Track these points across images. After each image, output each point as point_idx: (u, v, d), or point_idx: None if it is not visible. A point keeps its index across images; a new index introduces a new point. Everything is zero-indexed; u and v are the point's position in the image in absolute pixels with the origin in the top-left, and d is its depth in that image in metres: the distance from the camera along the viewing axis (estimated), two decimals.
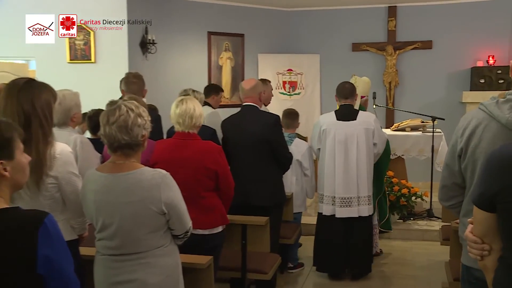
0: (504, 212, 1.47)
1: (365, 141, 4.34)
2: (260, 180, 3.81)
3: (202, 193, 3.01)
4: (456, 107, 7.47)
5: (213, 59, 7.49)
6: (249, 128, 3.80)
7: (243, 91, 3.95)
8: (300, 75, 8.08)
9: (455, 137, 2.06)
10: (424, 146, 5.95)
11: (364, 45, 7.90)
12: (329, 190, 4.37)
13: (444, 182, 2.18)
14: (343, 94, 4.42)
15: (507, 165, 1.45)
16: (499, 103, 1.89)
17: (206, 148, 3.05)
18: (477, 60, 7.46)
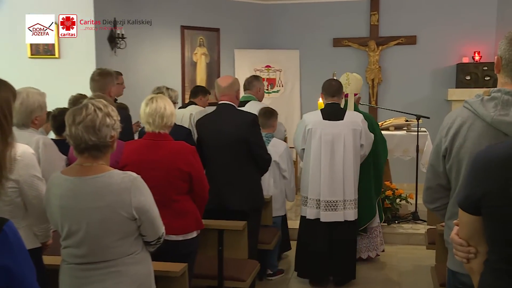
0: (489, 215, 1.50)
1: (352, 143, 4.37)
2: (237, 183, 3.81)
3: (175, 196, 3.00)
4: (441, 105, 7.59)
5: (186, 55, 7.46)
6: (225, 127, 3.80)
7: (219, 89, 3.95)
8: (278, 72, 8.11)
9: (439, 136, 2.09)
10: (408, 146, 6.03)
11: (346, 40, 7.97)
12: (313, 193, 4.39)
13: (428, 183, 2.21)
14: (330, 92, 4.44)
15: (492, 167, 1.47)
16: (484, 101, 1.92)
17: (179, 149, 3.04)
18: (463, 56, 7.59)
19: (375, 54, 7.84)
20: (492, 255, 1.54)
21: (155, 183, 2.39)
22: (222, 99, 3.93)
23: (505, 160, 1.45)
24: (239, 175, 3.83)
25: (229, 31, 7.78)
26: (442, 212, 2.21)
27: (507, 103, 1.86)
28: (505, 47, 1.87)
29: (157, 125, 3.03)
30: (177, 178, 2.99)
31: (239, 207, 3.78)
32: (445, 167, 2.09)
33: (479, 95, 1.96)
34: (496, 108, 1.87)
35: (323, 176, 4.35)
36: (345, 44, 7.99)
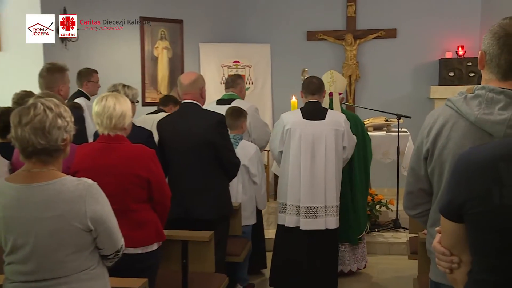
0: (472, 222, 1.52)
1: (334, 144, 4.42)
2: (202, 189, 3.81)
3: (133, 205, 2.98)
4: (423, 104, 7.73)
5: (147, 48, 7.41)
6: (189, 129, 3.79)
7: (181, 87, 3.94)
8: (248, 68, 8.13)
9: (421, 137, 2.12)
10: (388, 148, 6.12)
11: (321, 33, 8.05)
12: (293, 199, 4.42)
13: (409, 188, 2.23)
14: (310, 90, 4.50)
15: (475, 171, 1.49)
16: (468, 98, 1.95)
17: (136, 153, 3.02)
18: (446, 51, 7.76)
19: (352, 48, 7.93)
20: (475, 265, 1.56)
21: (110, 190, 2.36)
22: (185, 98, 3.92)
23: (489, 163, 1.47)
24: (205, 180, 3.82)
25: (194, 23, 7.76)
26: (424, 219, 2.24)
27: (491, 101, 1.89)
28: (489, 41, 1.90)
29: (105, 126, 3.00)
30: (134, 185, 2.96)
31: (205, 215, 3.78)
32: (426, 170, 2.11)
33: (462, 92, 1.99)
34: (480, 107, 1.90)
35: (303, 180, 4.39)
36: (320, 37, 8.06)
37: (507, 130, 1.84)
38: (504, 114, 1.85)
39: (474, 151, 1.56)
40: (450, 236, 1.63)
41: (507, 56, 1.87)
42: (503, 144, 1.53)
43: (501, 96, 1.88)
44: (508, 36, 1.86)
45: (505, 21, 1.90)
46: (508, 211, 1.42)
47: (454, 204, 1.55)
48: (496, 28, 1.91)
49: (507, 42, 1.86)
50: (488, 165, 1.47)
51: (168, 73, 7.64)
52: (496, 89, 1.89)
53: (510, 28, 1.87)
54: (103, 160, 2.97)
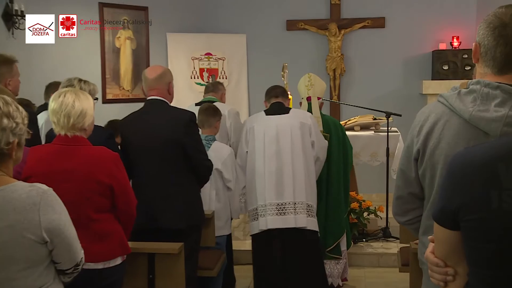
0: (468, 230, 1.53)
1: (300, 137, 4.53)
2: (170, 196, 3.80)
3: (94, 215, 2.96)
4: (415, 100, 7.81)
5: (107, 39, 7.36)
6: (156, 128, 3.79)
7: (146, 82, 3.94)
8: (222, 61, 8.14)
9: (411, 136, 2.13)
10: (377, 149, 6.16)
11: (302, 22, 8.09)
12: (261, 198, 4.49)
13: (398, 192, 2.24)
14: (274, 94, 4.75)
15: (471, 173, 1.50)
16: (461, 94, 1.96)
17: (98, 157, 3.00)
18: (439, 42, 7.84)
19: (336, 39, 7.98)
20: (472, 278, 1.57)
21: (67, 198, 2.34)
22: (151, 94, 3.91)
23: (486, 164, 1.48)
24: (173, 186, 3.82)
25: (160, 10, 7.73)
26: (415, 226, 2.25)
27: (487, 97, 1.90)
28: (484, 32, 1.92)
29: (62, 125, 2.98)
30: (95, 192, 2.95)
31: (174, 225, 3.78)
32: (417, 173, 2.12)
33: (455, 87, 2.01)
34: (475, 103, 1.91)
35: (268, 175, 4.48)
36: (301, 27, 8.10)
37: (504, 128, 1.85)
38: (500, 111, 1.87)
39: (469, 151, 1.57)
40: (445, 245, 1.64)
41: (503, 48, 1.89)
42: (501, 143, 1.53)
43: (498, 91, 1.89)
44: (504, 26, 1.88)
45: (501, 10, 1.92)
46: (508, 217, 1.43)
47: (449, 210, 1.56)
48: (491, 17, 1.93)
49: (503, 33, 1.88)
50: (485, 166, 1.48)
51: (132, 66, 7.60)
52: (492, 83, 1.91)
53: (506, 17, 1.89)
54: (60, 165, 2.95)
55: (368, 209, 6.06)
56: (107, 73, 7.36)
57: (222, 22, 8.20)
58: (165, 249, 3.53)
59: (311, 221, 4.52)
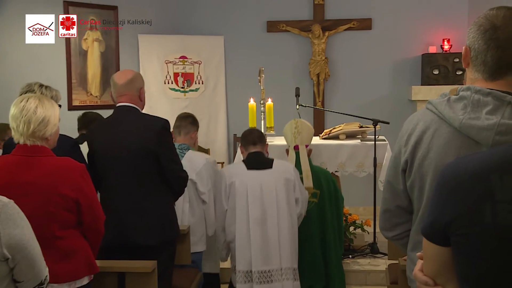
0: (459, 246, 1.52)
1: (285, 196, 4.53)
2: (142, 210, 3.78)
3: (58, 231, 2.94)
4: (404, 107, 7.86)
5: (73, 40, 7.32)
6: (126, 137, 3.78)
7: (115, 87, 3.92)
8: (198, 64, 8.14)
9: (398, 146, 2.15)
10: (363, 159, 6.17)
11: (283, 24, 8.11)
12: (243, 264, 4.47)
13: (385, 205, 2.26)
14: (251, 140, 4.70)
15: (463, 185, 1.50)
16: (451, 101, 1.98)
17: (61, 168, 2.98)
18: (429, 45, 7.92)
19: (320, 41, 8.01)
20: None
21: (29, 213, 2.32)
22: (121, 100, 3.90)
23: (479, 176, 1.48)
24: (146, 199, 3.80)
25: (131, 9, 7.71)
26: (403, 242, 2.27)
27: (477, 104, 1.93)
28: (474, 35, 1.95)
29: (21, 133, 2.96)
30: (59, 207, 2.93)
31: (146, 241, 3.76)
32: (405, 184, 2.14)
33: (445, 94, 2.03)
34: (465, 110, 1.93)
35: (254, 240, 4.45)
36: (282, 28, 8.13)
37: (495, 137, 1.88)
38: (492, 119, 1.89)
39: (461, 162, 1.57)
40: (434, 262, 1.63)
41: (494, 52, 1.92)
42: (495, 153, 1.53)
43: (489, 98, 1.92)
44: (495, 29, 1.91)
45: (492, 12, 1.94)
46: (502, 232, 1.42)
47: (439, 224, 1.55)
48: (481, 20, 1.95)
49: (493, 36, 1.91)
50: (478, 178, 1.48)
51: (101, 70, 7.57)
52: (483, 90, 1.93)
53: (497, 20, 1.91)
54: (19, 177, 2.92)
55: (355, 224, 6.08)
56: (73, 77, 7.31)
57: (198, 23, 8.20)
58: (136, 268, 3.50)
59: (297, 285, 4.55)
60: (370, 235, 6.24)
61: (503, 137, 1.88)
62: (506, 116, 1.90)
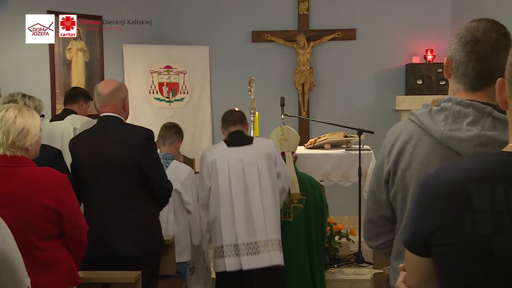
0: (442, 256, 1.52)
1: (267, 169, 4.62)
2: (126, 220, 3.78)
3: (39, 242, 2.93)
4: (388, 116, 7.88)
5: (57, 50, 7.28)
6: (109, 148, 3.77)
7: (99, 97, 3.91)
8: (183, 74, 8.13)
9: (381, 156, 2.18)
10: (348, 168, 6.19)
11: (268, 34, 8.13)
12: (229, 237, 4.52)
13: (369, 215, 2.29)
14: (231, 120, 4.78)
15: (444, 195, 1.51)
16: (432, 112, 2.01)
17: (42, 178, 2.97)
18: (413, 56, 7.95)
19: (305, 52, 8.04)
20: None
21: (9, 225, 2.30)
22: (104, 110, 3.89)
23: (459, 186, 1.49)
24: (130, 210, 3.79)
25: (116, 20, 7.69)
26: (387, 251, 2.29)
27: (459, 115, 1.96)
28: (456, 46, 1.99)
29: (1, 143, 2.94)
30: (40, 218, 2.91)
31: (130, 252, 3.74)
32: (388, 195, 2.16)
33: (427, 105, 2.06)
34: (447, 122, 1.97)
35: (238, 213, 4.52)
36: (267, 39, 8.15)
37: (476, 149, 1.91)
38: (472, 130, 1.92)
39: (441, 173, 1.58)
40: (417, 274, 1.64)
41: (475, 64, 1.96)
42: (474, 163, 1.55)
43: (470, 109, 1.95)
44: (476, 41, 1.95)
45: (473, 24, 1.98)
46: (482, 241, 1.43)
47: (420, 235, 1.56)
48: (463, 31, 1.99)
49: (474, 48, 1.95)
50: (458, 188, 1.48)
51: (85, 80, 7.53)
52: (464, 101, 1.97)
53: (478, 32, 1.96)
54: (0, 188, 2.90)
55: (340, 233, 6.08)
56: (57, 87, 7.26)
57: (183, 33, 8.20)
58: (120, 279, 3.49)
59: (282, 256, 4.63)
60: (355, 245, 6.24)
61: (483, 148, 1.91)
62: (486, 128, 1.93)
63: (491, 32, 1.96)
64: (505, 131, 1.87)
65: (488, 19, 2.00)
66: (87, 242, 3.19)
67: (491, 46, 1.95)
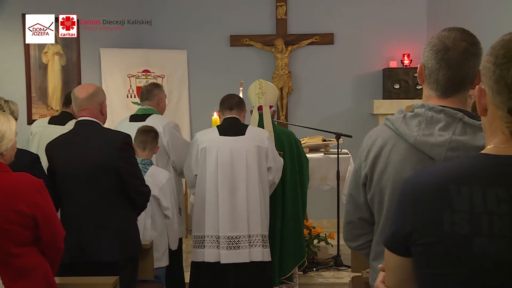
0: (421, 256, 1.54)
1: (256, 163, 4.58)
2: (102, 225, 3.75)
3: (14, 249, 2.90)
4: (366, 120, 7.93)
5: (33, 54, 7.24)
6: (86, 152, 3.75)
7: (76, 101, 3.89)
8: (160, 78, 8.10)
9: (359, 160, 2.23)
10: (327, 172, 6.22)
11: (246, 38, 8.14)
12: (211, 228, 4.52)
13: (348, 217, 2.33)
14: (228, 105, 4.73)
15: (423, 196, 1.53)
16: (407, 118, 2.07)
17: (17, 184, 2.94)
18: (390, 60, 8.03)
19: (283, 56, 8.07)
20: None
21: None
22: (82, 115, 3.87)
23: (438, 187, 1.51)
24: (107, 215, 3.77)
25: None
26: (366, 251, 2.33)
27: (431, 121, 2.02)
28: (428, 54, 2.06)
29: None
30: (15, 223, 2.88)
31: (108, 257, 3.73)
32: (366, 197, 2.21)
33: (401, 110, 2.12)
34: (420, 127, 2.02)
35: (222, 205, 4.51)
36: (246, 43, 8.16)
37: (447, 153, 1.97)
38: (444, 135, 1.98)
39: (421, 174, 1.60)
40: (396, 274, 1.65)
41: (445, 71, 2.02)
42: (454, 165, 1.57)
43: (441, 115, 2.01)
44: (446, 49, 2.02)
45: (444, 33, 2.05)
46: (461, 241, 1.45)
47: (400, 234, 1.57)
48: (434, 40, 2.06)
49: (445, 56, 2.02)
50: (437, 189, 1.51)
51: (61, 84, 7.48)
52: (436, 107, 2.03)
53: (448, 41, 2.02)
54: None
55: (319, 237, 6.10)
56: (33, 91, 7.22)
57: (161, 37, 8.17)
58: (97, 284, 3.47)
59: (266, 252, 4.62)
60: (334, 248, 6.26)
61: (455, 152, 1.96)
62: (457, 133, 2.00)
63: (460, 41, 2.02)
64: (475, 136, 1.96)
65: (459, 29, 2.06)
66: (64, 247, 3.16)
67: (461, 54, 2.01)
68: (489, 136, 1.57)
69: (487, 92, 1.54)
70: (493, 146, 1.54)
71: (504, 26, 4.60)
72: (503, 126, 1.50)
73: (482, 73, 1.56)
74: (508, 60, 1.46)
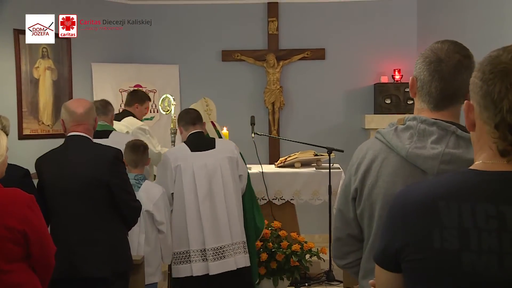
0: (411, 272, 1.55)
1: (230, 173, 4.76)
2: (93, 241, 3.74)
3: (4, 265, 2.88)
4: (357, 135, 7.94)
5: (24, 69, 7.20)
6: (77, 167, 3.74)
7: (73, 116, 3.85)
8: (152, 93, 8.10)
9: (348, 175, 2.20)
10: (318, 186, 6.23)
11: (238, 53, 8.16)
12: (196, 242, 4.61)
13: (337, 233, 2.29)
14: (190, 120, 4.86)
15: (413, 212, 1.54)
16: (398, 131, 2.05)
17: (7, 199, 2.93)
18: (381, 75, 8.04)
19: (275, 71, 8.09)
20: None
21: None
22: (76, 130, 3.85)
23: (428, 203, 1.52)
24: (97, 230, 3.76)
25: (84, 38, 7.64)
26: (355, 270, 2.29)
27: (423, 134, 2.00)
28: (420, 66, 2.04)
29: None
30: (5, 239, 2.87)
31: (97, 273, 3.70)
32: (355, 213, 2.17)
33: (392, 123, 2.10)
34: (412, 140, 2.00)
35: (205, 218, 4.62)
36: (237, 58, 8.18)
37: (440, 166, 1.95)
38: (437, 148, 1.96)
39: (410, 190, 1.61)
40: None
41: (438, 83, 2.01)
42: (443, 181, 1.58)
43: (434, 127, 1.99)
44: (439, 61, 2.01)
45: (437, 45, 2.04)
46: (450, 257, 1.46)
47: (390, 250, 1.58)
48: (427, 52, 2.05)
49: (438, 68, 2.00)
50: (427, 205, 1.51)
51: (53, 99, 7.44)
52: (428, 120, 2.01)
53: (441, 52, 2.01)
54: None
55: (310, 251, 6.07)
56: (24, 106, 7.17)
57: (153, 52, 8.19)
58: None
59: (247, 257, 4.78)
60: (325, 263, 6.25)
61: (448, 166, 1.94)
62: (450, 146, 1.97)
63: (454, 53, 2.01)
64: (468, 149, 1.93)
65: (452, 41, 2.06)
66: (55, 263, 3.15)
67: (454, 67, 2.00)
68: (478, 151, 1.58)
69: (475, 107, 1.55)
70: (481, 161, 1.55)
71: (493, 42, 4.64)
72: (491, 142, 1.51)
73: (470, 88, 1.57)
74: (495, 76, 1.48)
